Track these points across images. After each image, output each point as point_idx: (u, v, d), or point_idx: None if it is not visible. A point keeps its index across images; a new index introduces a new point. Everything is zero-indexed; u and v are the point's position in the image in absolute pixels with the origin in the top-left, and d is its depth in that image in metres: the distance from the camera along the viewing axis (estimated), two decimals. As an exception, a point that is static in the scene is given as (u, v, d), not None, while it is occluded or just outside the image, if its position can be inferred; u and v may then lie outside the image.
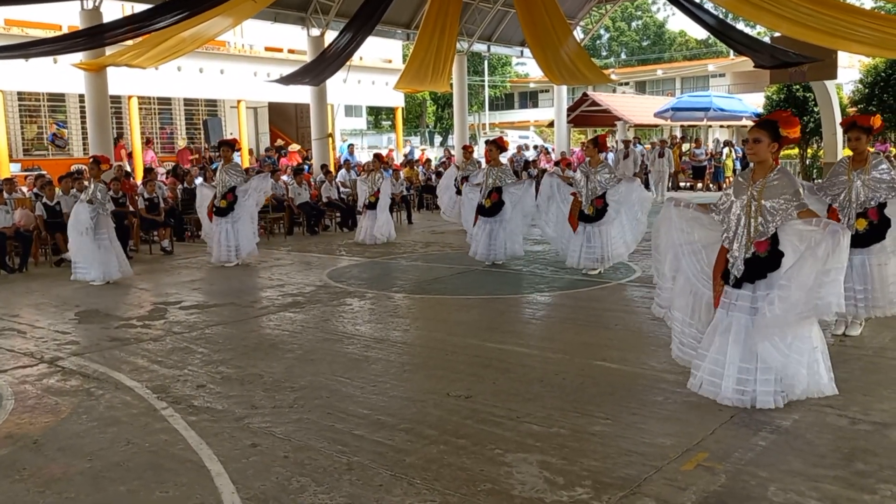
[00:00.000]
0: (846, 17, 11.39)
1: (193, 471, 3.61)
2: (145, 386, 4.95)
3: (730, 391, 4.19)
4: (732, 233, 4.28)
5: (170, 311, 7.42)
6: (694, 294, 4.52)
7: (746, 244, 4.20)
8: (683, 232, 4.55)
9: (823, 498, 3.16)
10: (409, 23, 19.37)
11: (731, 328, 4.20)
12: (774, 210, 4.13)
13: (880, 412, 4.11)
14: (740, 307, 4.19)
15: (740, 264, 4.20)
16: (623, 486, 3.31)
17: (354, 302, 7.63)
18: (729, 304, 4.24)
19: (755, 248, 4.16)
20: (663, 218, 4.69)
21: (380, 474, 3.51)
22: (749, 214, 4.21)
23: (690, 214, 4.55)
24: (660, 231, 4.71)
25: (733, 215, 4.29)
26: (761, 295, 4.12)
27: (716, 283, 4.37)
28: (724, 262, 4.32)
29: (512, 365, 5.24)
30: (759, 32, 41.54)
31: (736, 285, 4.22)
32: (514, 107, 50.33)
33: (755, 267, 4.15)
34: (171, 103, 22.04)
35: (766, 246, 4.13)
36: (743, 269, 4.18)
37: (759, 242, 4.15)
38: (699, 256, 4.52)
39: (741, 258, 4.20)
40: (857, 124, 5.45)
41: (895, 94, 17.76)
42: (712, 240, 4.48)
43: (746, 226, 4.21)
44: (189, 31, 12.76)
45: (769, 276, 4.11)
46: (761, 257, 4.13)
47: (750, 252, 4.17)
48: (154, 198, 12.14)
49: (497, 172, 9.43)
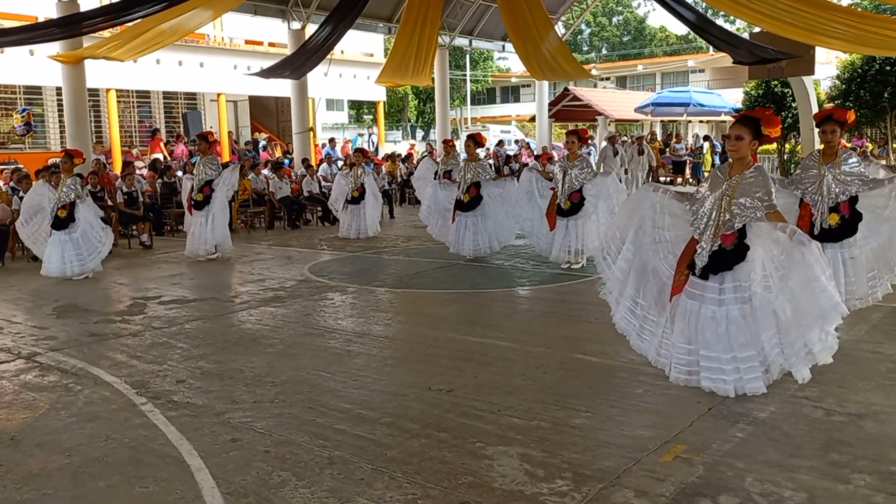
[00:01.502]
0: (823, 14, 11.49)
1: (173, 466, 3.60)
2: (124, 381, 4.92)
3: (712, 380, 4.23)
4: (703, 225, 4.34)
5: (149, 305, 7.37)
6: (660, 285, 4.55)
7: (713, 237, 4.26)
8: (654, 215, 4.58)
9: (799, 488, 3.21)
10: (390, 16, 19.30)
11: (700, 319, 4.25)
12: (744, 207, 4.21)
13: (855, 403, 4.18)
14: (709, 299, 4.26)
15: (705, 256, 4.27)
16: (602, 478, 3.34)
17: (336, 296, 7.62)
18: (697, 296, 4.29)
19: (721, 241, 4.22)
20: (637, 198, 4.73)
21: (361, 468, 3.51)
22: (720, 208, 4.28)
23: (665, 200, 4.60)
24: (631, 212, 4.73)
25: (706, 208, 4.35)
26: (728, 287, 4.21)
27: (678, 272, 4.42)
28: (692, 252, 4.38)
29: (493, 358, 5.26)
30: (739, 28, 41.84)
31: (703, 277, 4.28)
32: (495, 101, 50.36)
33: (720, 259, 4.23)
34: (150, 96, 21.85)
35: (732, 239, 4.21)
36: (707, 261, 4.24)
37: (726, 235, 4.23)
38: (664, 245, 4.56)
39: (707, 250, 4.27)
40: (833, 117, 5.50)
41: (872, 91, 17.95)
42: (680, 229, 4.53)
43: (716, 219, 4.28)
44: (168, 23, 12.61)
45: (735, 268, 4.18)
46: (727, 250, 4.22)
47: (716, 244, 4.24)
48: (133, 192, 12.03)
49: (475, 167, 9.43)
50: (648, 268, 4.60)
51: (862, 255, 5.43)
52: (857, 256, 5.42)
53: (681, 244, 4.52)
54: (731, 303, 4.20)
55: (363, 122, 41.77)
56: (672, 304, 4.43)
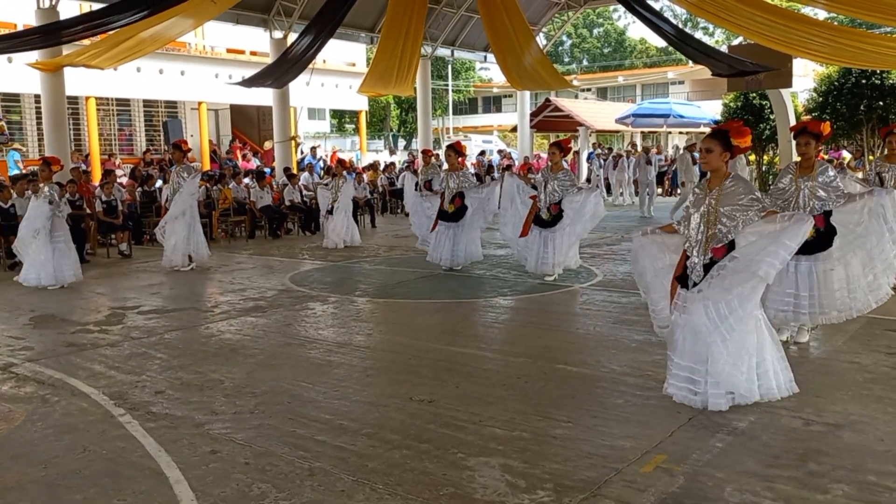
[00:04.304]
0: (800, 27, 11.69)
1: (152, 478, 3.56)
2: (102, 392, 4.86)
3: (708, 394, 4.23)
4: (694, 240, 4.37)
5: (128, 315, 7.29)
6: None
7: (704, 250, 4.29)
8: (657, 258, 4.65)
9: (778, 498, 3.23)
10: (372, 26, 19.34)
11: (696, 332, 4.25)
12: (732, 215, 4.24)
13: (833, 413, 4.22)
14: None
15: (700, 269, 4.29)
16: (584, 489, 3.35)
17: (317, 306, 7.59)
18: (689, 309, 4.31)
19: (713, 254, 4.26)
20: (638, 248, 4.77)
21: (342, 480, 3.49)
22: (708, 222, 4.31)
23: (658, 240, 4.67)
24: (638, 260, 4.79)
25: (693, 224, 4.38)
26: None
27: (673, 287, 4.46)
28: (683, 267, 4.41)
29: (474, 369, 5.26)
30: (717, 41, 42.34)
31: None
32: (477, 111, 50.51)
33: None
34: (131, 104, 21.68)
35: (723, 252, 4.24)
36: (702, 274, 4.26)
37: (717, 248, 4.25)
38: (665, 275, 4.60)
39: (700, 263, 4.30)
40: (808, 130, 5.55)
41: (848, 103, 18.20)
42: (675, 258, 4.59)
43: (705, 232, 4.31)
44: (149, 31, 12.55)
45: None
46: (718, 262, 4.24)
47: (708, 258, 4.27)
48: (112, 200, 11.92)
49: (458, 177, 9.42)
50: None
51: (836, 268, 5.44)
52: (832, 270, 5.43)
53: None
54: None
55: (345, 131, 41.75)
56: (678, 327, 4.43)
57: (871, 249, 5.38)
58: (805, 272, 5.45)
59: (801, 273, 5.43)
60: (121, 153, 20.58)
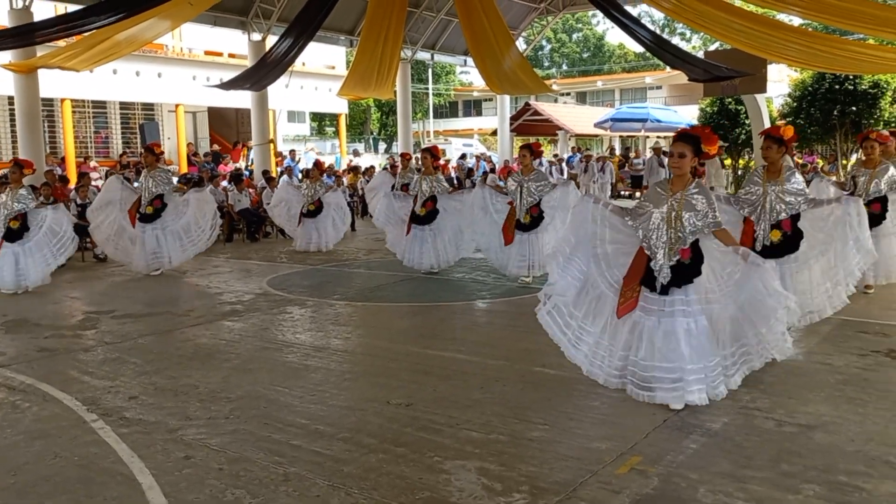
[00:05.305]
0: (776, 33, 11.84)
1: (124, 484, 3.52)
2: (75, 398, 4.80)
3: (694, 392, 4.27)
4: (654, 242, 4.40)
5: (102, 320, 7.21)
6: (596, 296, 4.60)
7: (670, 252, 4.33)
8: (596, 230, 4.64)
9: (750, 499, 3.26)
10: (352, 29, 19.31)
11: (673, 333, 4.28)
12: (691, 223, 4.30)
13: (805, 414, 4.27)
14: (677, 312, 4.29)
15: (667, 271, 4.32)
16: (559, 491, 3.36)
17: (295, 310, 7.55)
18: (660, 311, 4.33)
19: (680, 256, 4.30)
20: (579, 209, 4.77)
21: (317, 484, 3.47)
22: (670, 225, 4.35)
23: (606, 213, 4.65)
24: (573, 221, 4.79)
25: (653, 224, 4.41)
26: (693, 298, 4.28)
27: (627, 288, 4.46)
28: (643, 269, 4.43)
29: (453, 372, 5.26)
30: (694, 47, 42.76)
31: (664, 292, 4.33)
32: (458, 115, 50.63)
33: (682, 273, 4.30)
34: (107, 107, 21.46)
35: (689, 254, 4.30)
36: (670, 276, 4.30)
37: (684, 250, 4.31)
38: (605, 258, 4.62)
39: (667, 265, 4.33)
40: (770, 134, 5.63)
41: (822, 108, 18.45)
42: (620, 244, 4.59)
43: (668, 234, 4.35)
44: (125, 33, 12.44)
45: (695, 281, 4.26)
46: (686, 264, 4.30)
47: (674, 259, 4.31)
48: (87, 204, 11.76)
49: (431, 181, 9.42)
50: (588, 279, 4.64)
51: (803, 272, 5.51)
52: (799, 273, 5.49)
53: (622, 258, 4.57)
54: (697, 314, 4.27)
55: (325, 134, 41.64)
56: (621, 321, 4.46)
57: (835, 256, 5.42)
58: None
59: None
60: (97, 156, 20.35)
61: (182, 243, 9.89)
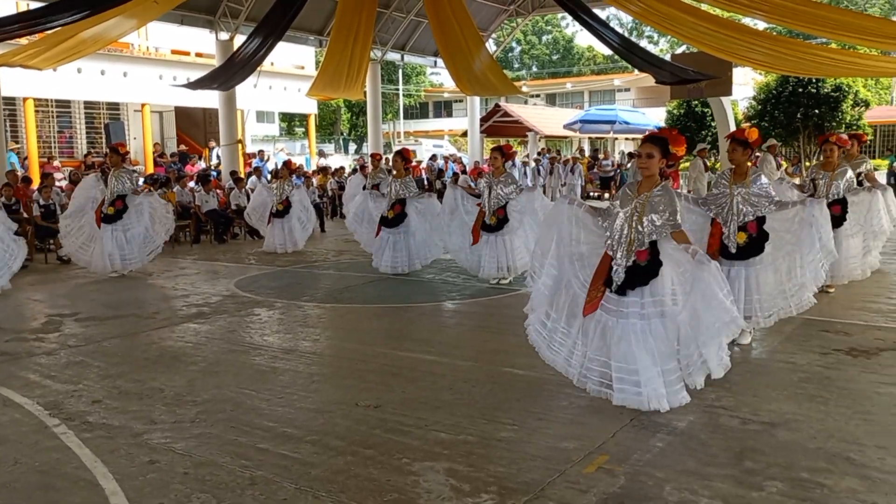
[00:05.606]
0: (742, 37, 12.05)
1: (87, 490, 3.46)
2: (37, 402, 4.71)
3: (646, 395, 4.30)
4: (616, 241, 4.44)
5: (65, 323, 7.08)
6: (570, 297, 4.64)
7: (628, 253, 4.37)
8: (571, 231, 4.67)
9: (715, 496, 3.30)
10: (321, 29, 19.20)
11: (628, 335, 4.32)
12: (653, 224, 4.34)
13: (769, 412, 4.33)
14: (632, 314, 4.33)
15: (622, 272, 4.36)
16: (527, 491, 3.37)
17: (263, 312, 7.49)
18: (617, 312, 4.37)
19: (636, 257, 4.33)
20: (554, 211, 4.80)
21: (284, 488, 3.45)
22: (631, 225, 4.39)
23: (580, 214, 4.68)
24: (549, 225, 4.81)
25: (617, 224, 4.46)
26: (648, 301, 4.30)
27: (594, 288, 4.50)
28: (607, 269, 4.47)
29: (422, 373, 5.26)
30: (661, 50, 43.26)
31: (620, 292, 4.36)
32: (428, 116, 50.62)
33: (636, 275, 4.32)
34: (71, 106, 21.10)
35: (645, 255, 4.32)
36: (624, 277, 4.34)
37: (640, 252, 4.33)
38: (579, 259, 4.65)
39: (623, 266, 4.37)
40: (734, 137, 5.71)
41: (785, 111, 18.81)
42: (594, 244, 4.63)
43: (628, 235, 4.39)
44: (90, 31, 12.24)
45: (651, 283, 4.29)
46: (642, 266, 4.32)
47: (631, 260, 4.35)
48: (50, 204, 11.57)
49: (400, 184, 9.41)
50: (563, 280, 4.67)
51: (769, 273, 5.56)
52: (765, 274, 5.55)
53: (594, 258, 4.60)
54: (652, 316, 4.29)
55: (295, 134, 41.35)
56: (587, 319, 4.50)
57: (801, 258, 5.50)
58: (738, 277, 5.55)
59: (733, 278, 5.51)
60: (61, 156, 20.01)
61: (141, 247, 9.78)
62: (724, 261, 5.49)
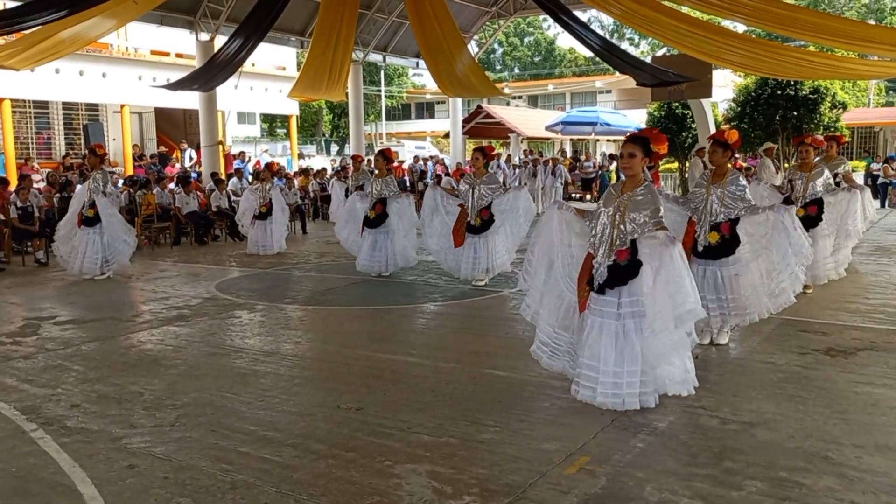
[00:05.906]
0: (721, 39, 12.14)
1: (65, 495, 3.42)
2: (14, 407, 4.65)
3: (608, 395, 4.33)
4: (598, 240, 4.48)
5: (43, 326, 7.00)
6: (562, 298, 4.68)
7: (609, 252, 4.40)
8: (562, 235, 4.70)
9: (695, 496, 3.33)
10: (302, 30, 19.13)
11: (602, 334, 4.36)
12: (635, 222, 4.37)
13: (748, 412, 4.37)
14: (607, 313, 4.36)
15: (603, 270, 4.40)
16: (509, 493, 3.38)
17: (244, 314, 7.44)
18: (597, 311, 4.40)
19: (616, 257, 4.37)
20: (546, 219, 4.83)
21: (265, 492, 3.43)
22: (614, 224, 4.43)
23: (569, 217, 4.72)
24: (541, 232, 4.84)
25: (600, 223, 4.49)
26: (625, 301, 4.33)
27: (580, 288, 4.54)
28: (590, 268, 4.51)
29: (403, 375, 5.25)
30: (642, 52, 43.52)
31: (600, 291, 4.40)
32: (410, 117, 50.58)
33: (616, 274, 4.36)
34: (49, 107, 20.88)
35: (626, 255, 4.36)
36: (606, 276, 4.37)
37: (620, 251, 4.37)
38: (572, 261, 4.68)
39: (604, 265, 4.40)
40: (715, 138, 5.76)
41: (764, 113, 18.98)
42: (583, 247, 4.66)
43: (610, 234, 4.42)
44: (68, 31, 12.09)
45: (630, 283, 4.31)
46: (622, 265, 4.35)
47: (611, 259, 4.38)
48: (28, 206, 11.43)
49: (381, 184, 9.40)
50: (557, 287, 4.70)
51: (746, 275, 5.58)
52: (742, 276, 5.57)
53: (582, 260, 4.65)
54: (628, 317, 4.32)
55: (276, 135, 41.16)
56: (580, 320, 4.54)
57: (776, 262, 5.52)
58: (710, 276, 5.59)
59: (706, 277, 5.56)
60: (38, 157, 19.77)
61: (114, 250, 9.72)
62: (697, 260, 5.55)
